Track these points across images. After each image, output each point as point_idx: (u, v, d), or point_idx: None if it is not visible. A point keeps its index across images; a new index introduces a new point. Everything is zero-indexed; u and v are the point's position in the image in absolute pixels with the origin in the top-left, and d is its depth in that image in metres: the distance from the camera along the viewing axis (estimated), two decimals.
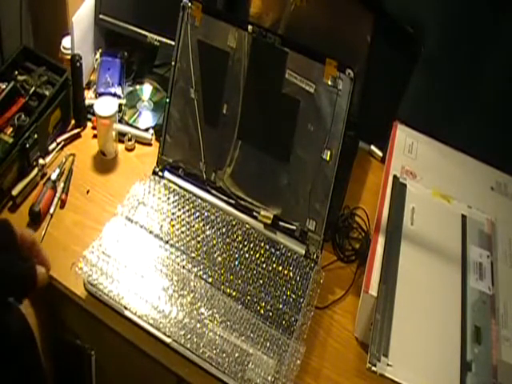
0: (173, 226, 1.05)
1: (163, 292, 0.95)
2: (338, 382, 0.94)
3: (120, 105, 1.23)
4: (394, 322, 0.89)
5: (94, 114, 1.15)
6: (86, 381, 1.15)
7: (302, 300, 0.97)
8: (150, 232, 1.03)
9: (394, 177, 1.10)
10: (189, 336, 0.91)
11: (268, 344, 0.92)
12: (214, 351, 0.90)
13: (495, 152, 1.16)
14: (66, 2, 1.26)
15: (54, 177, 1.10)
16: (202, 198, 1.10)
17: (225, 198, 1.09)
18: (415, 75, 1.15)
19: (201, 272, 0.99)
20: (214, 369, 0.89)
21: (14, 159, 1.05)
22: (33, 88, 1.12)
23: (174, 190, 1.10)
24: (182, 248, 1.02)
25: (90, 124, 1.23)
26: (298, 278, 1.00)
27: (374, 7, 1.09)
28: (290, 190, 1.04)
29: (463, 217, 1.07)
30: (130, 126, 1.24)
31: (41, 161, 1.12)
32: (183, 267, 0.99)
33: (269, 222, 1.06)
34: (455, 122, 1.17)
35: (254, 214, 1.07)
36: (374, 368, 0.83)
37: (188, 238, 1.03)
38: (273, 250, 1.04)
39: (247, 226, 1.07)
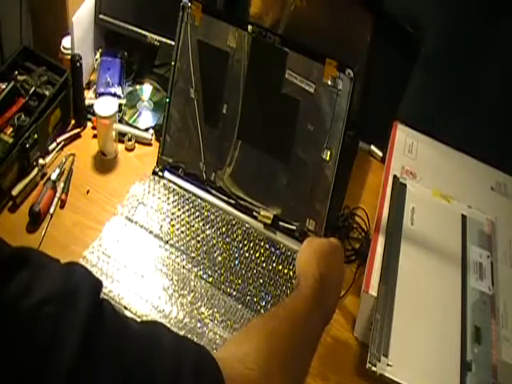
0: (173, 225, 1.05)
1: (163, 292, 0.96)
2: (338, 382, 0.94)
3: (120, 105, 1.22)
4: (394, 322, 0.88)
5: (94, 113, 1.15)
6: None
7: None
8: (150, 232, 1.04)
9: (394, 177, 1.10)
10: (189, 336, 0.91)
11: None
12: (214, 351, 0.90)
13: (495, 152, 1.16)
14: (66, 2, 1.26)
15: (53, 177, 1.10)
16: (202, 198, 1.10)
17: (225, 198, 1.09)
18: (415, 75, 1.15)
19: (201, 272, 0.99)
20: None
21: (14, 159, 1.05)
22: (33, 88, 1.12)
23: (173, 190, 1.10)
24: (182, 248, 1.02)
25: (90, 124, 1.23)
26: None
27: (374, 7, 1.09)
28: (289, 190, 1.04)
29: (463, 217, 1.07)
30: (130, 126, 1.24)
31: (41, 161, 1.12)
32: (183, 267, 0.99)
33: (269, 221, 1.06)
34: (455, 122, 1.17)
35: (254, 213, 1.07)
36: (373, 368, 0.83)
37: (188, 238, 1.03)
38: (273, 250, 1.04)
39: (247, 225, 1.07)
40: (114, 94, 1.24)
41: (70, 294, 0.45)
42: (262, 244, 1.04)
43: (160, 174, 1.13)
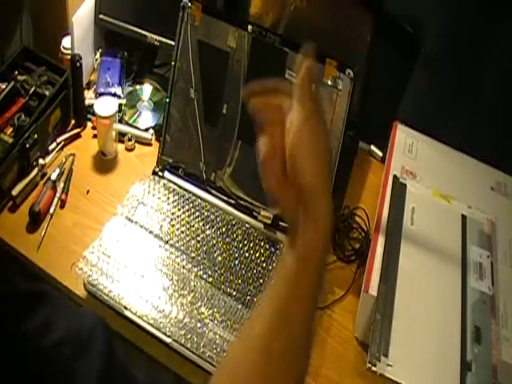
0: (173, 225, 1.05)
1: (163, 292, 0.96)
2: (338, 382, 0.94)
3: (120, 105, 1.23)
4: (394, 322, 0.88)
5: (94, 113, 1.15)
6: None
7: None
8: (150, 232, 1.03)
9: (394, 177, 1.10)
10: (189, 336, 0.91)
11: None
12: (214, 351, 0.90)
13: (495, 152, 1.16)
14: (66, 2, 1.26)
15: (54, 177, 1.10)
16: (202, 198, 1.10)
17: (225, 198, 1.09)
18: (415, 75, 1.15)
19: (201, 272, 0.99)
20: (214, 369, 0.89)
21: (14, 159, 1.05)
22: (33, 88, 1.12)
23: (173, 190, 1.10)
24: (182, 248, 1.02)
25: (90, 124, 1.23)
26: None
27: (374, 7, 1.09)
28: None
29: (463, 217, 1.07)
30: (130, 126, 1.24)
31: (41, 161, 1.12)
32: (183, 267, 0.99)
33: (269, 221, 1.06)
34: (455, 122, 1.17)
35: (254, 213, 1.07)
36: (374, 368, 0.83)
37: (188, 238, 1.03)
38: (273, 250, 1.04)
39: (247, 225, 1.07)
40: (114, 94, 1.24)
41: (87, 337, 0.47)
42: (262, 244, 1.04)
43: (160, 173, 1.13)
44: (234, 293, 0.97)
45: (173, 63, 1.05)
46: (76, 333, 0.46)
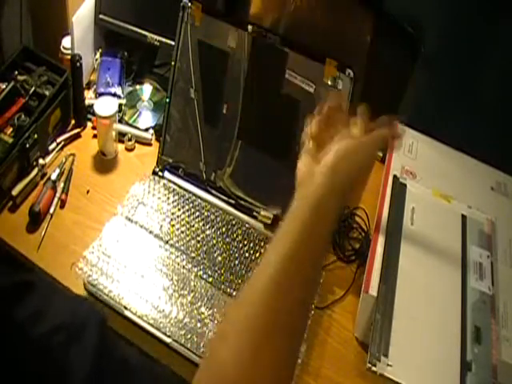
0: (173, 225, 1.05)
1: (163, 292, 0.96)
2: (338, 382, 0.94)
3: (120, 105, 1.23)
4: (394, 322, 0.88)
5: (94, 113, 1.15)
6: None
7: None
8: (150, 232, 1.03)
9: (394, 177, 1.10)
10: (189, 336, 0.91)
11: None
12: None
13: (495, 152, 1.16)
14: (66, 2, 1.26)
15: (54, 177, 1.10)
16: (202, 198, 1.10)
17: (225, 198, 1.09)
18: (415, 75, 1.15)
19: (201, 272, 0.99)
20: None
21: (14, 159, 1.05)
22: (33, 88, 1.12)
23: (173, 190, 1.10)
24: (182, 248, 1.02)
25: (90, 124, 1.23)
26: None
27: (374, 7, 1.09)
28: (289, 190, 1.04)
29: (463, 217, 1.07)
30: (130, 126, 1.24)
31: (41, 161, 1.12)
32: (183, 267, 0.99)
33: (269, 221, 1.06)
34: (455, 122, 1.17)
35: (254, 213, 1.07)
36: (374, 368, 0.83)
37: (188, 238, 1.03)
38: None
39: (247, 225, 1.07)
40: (114, 94, 1.25)
41: (80, 324, 0.46)
42: (262, 244, 1.04)
43: (160, 173, 1.13)
44: (234, 293, 0.97)
45: (173, 63, 1.05)
46: (70, 321, 0.46)
